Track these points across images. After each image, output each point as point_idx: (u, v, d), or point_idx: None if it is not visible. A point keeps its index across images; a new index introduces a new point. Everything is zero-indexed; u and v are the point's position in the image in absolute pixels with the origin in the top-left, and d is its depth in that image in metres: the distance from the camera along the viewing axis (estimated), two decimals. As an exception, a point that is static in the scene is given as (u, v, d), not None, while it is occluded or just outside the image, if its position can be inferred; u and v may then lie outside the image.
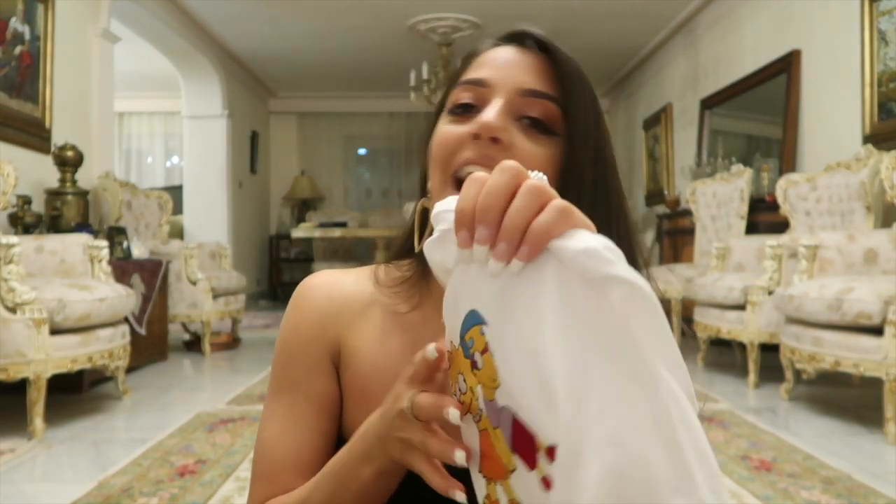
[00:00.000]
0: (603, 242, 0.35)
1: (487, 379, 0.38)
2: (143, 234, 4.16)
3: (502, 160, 0.45)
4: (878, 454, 2.06)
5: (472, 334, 0.39)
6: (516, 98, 0.57)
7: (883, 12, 3.18)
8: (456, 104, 0.59)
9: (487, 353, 0.38)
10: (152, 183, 7.68)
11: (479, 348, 0.38)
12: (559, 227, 0.36)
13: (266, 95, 7.74)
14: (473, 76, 0.59)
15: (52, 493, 1.76)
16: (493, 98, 0.57)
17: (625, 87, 7.06)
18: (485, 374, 0.38)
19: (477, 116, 0.56)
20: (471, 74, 0.60)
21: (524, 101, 0.57)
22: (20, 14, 3.31)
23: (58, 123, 3.59)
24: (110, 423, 2.46)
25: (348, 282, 0.66)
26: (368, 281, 0.66)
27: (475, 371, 0.39)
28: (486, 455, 0.39)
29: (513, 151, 0.55)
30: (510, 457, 0.37)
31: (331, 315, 0.64)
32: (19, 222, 3.07)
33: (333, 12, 5.19)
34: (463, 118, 0.58)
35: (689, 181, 4.88)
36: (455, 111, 0.59)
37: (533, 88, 0.57)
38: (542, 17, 5.29)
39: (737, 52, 4.64)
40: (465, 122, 0.57)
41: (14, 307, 2.23)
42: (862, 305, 2.23)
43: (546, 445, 0.35)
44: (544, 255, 0.36)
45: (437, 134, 0.59)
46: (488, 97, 0.57)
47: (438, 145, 0.58)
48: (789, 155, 3.94)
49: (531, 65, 0.59)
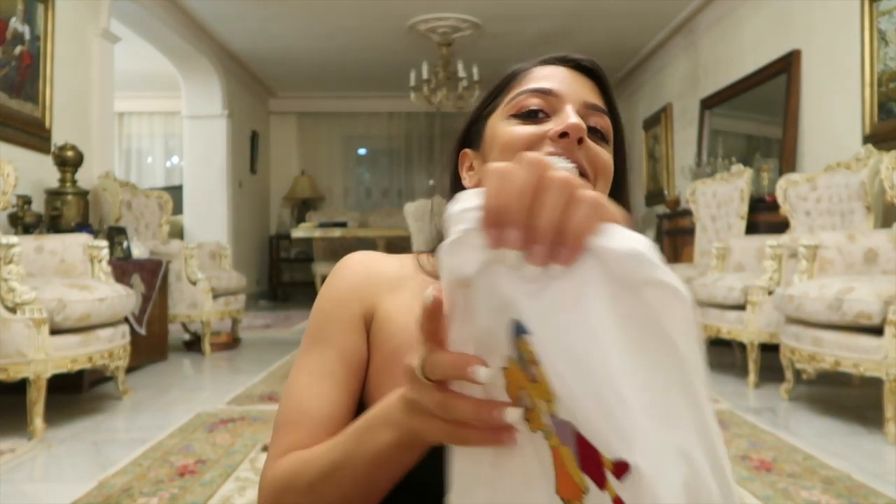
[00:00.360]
0: (646, 243, 0.33)
1: (545, 392, 0.35)
2: (143, 234, 4.16)
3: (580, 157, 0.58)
4: (878, 454, 2.06)
5: (521, 346, 0.35)
6: (582, 109, 0.64)
7: (883, 12, 3.18)
8: (524, 109, 0.64)
9: (538, 364, 0.34)
10: (152, 183, 7.69)
11: (531, 360, 0.35)
12: (596, 222, 0.34)
13: (266, 95, 7.75)
14: (541, 86, 0.64)
15: (52, 493, 1.76)
16: (562, 106, 0.63)
17: (625, 87, 7.07)
18: (542, 387, 0.35)
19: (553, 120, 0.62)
20: (534, 84, 0.65)
21: (587, 113, 0.64)
22: (20, 14, 3.31)
23: (58, 123, 3.59)
24: (110, 423, 2.46)
25: (390, 260, 0.71)
26: (410, 263, 0.70)
27: (533, 384, 0.35)
28: (561, 474, 0.36)
29: (589, 151, 0.62)
30: (580, 476, 0.35)
31: (370, 280, 0.67)
32: (19, 222, 3.07)
33: (333, 12, 5.19)
34: (532, 122, 0.63)
35: (689, 181, 4.88)
36: (522, 115, 0.64)
37: (595, 103, 0.66)
38: (542, 17, 5.29)
39: (737, 52, 4.64)
40: (536, 124, 0.63)
41: (14, 307, 2.23)
42: (862, 305, 2.23)
43: (612, 461, 0.33)
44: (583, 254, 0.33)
45: (504, 132, 0.63)
46: (557, 106, 0.63)
47: (513, 140, 0.62)
48: (789, 155, 3.95)
49: (585, 83, 0.67)
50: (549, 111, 0.64)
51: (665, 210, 5.41)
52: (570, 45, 5.88)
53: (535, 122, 0.63)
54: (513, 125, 0.64)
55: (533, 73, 0.68)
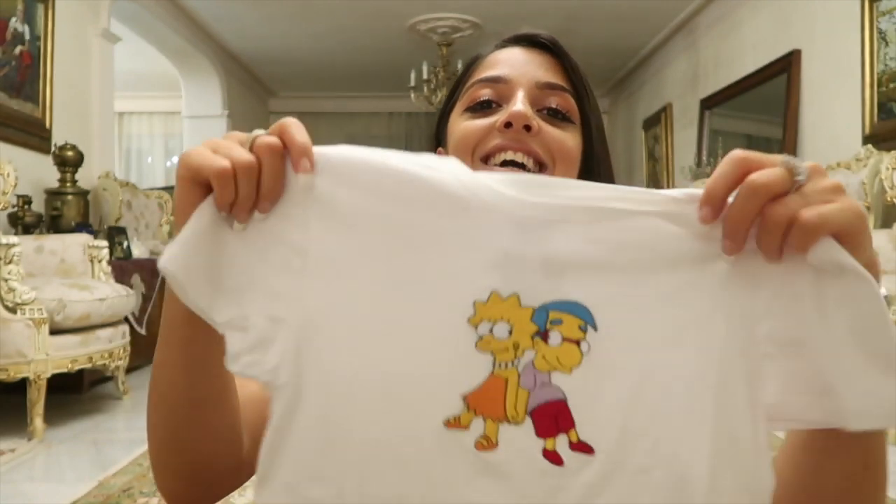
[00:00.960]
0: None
1: (554, 359, 0.38)
2: (143, 234, 4.16)
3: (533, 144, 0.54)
4: (878, 454, 2.06)
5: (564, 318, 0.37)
6: (535, 91, 0.60)
7: (883, 12, 3.18)
8: (475, 101, 0.61)
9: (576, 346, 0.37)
10: (152, 183, 7.68)
11: (568, 335, 0.37)
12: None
13: (266, 95, 7.75)
14: (490, 74, 0.62)
15: (52, 493, 1.76)
16: (512, 92, 0.60)
17: (625, 87, 7.06)
18: (555, 353, 0.37)
19: (502, 109, 0.59)
20: (485, 74, 0.62)
21: (542, 94, 0.60)
22: (20, 14, 3.31)
23: (58, 123, 3.59)
24: (110, 423, 2.46)
25: None
26: None
27: (538, 340, 0.38)
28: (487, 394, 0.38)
29: (542, 136, 0.58)
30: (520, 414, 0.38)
31: None
32: (19, 222, 3.07)
33: (333, 12, 5.19)
34: (483, 114, 0.60)
35: (689, 181, 4.88)
36: (474, 108, 0.61)
37: (549, 81, 0.61)
38: (542, 17, 5.29)
39: (737, 52, 4.64)
40: (486, 115, 0.60)
41: (14, 307, 2.23)
42: (862, 305, 2.23)
43: (580, 439, 0.37)
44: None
45: (457, 129, 0.61)
46: (507, 93, 0.60)
47: (464, 137, 0.60)
48: (789, 155, 3.95)
49: (542, 62, 0.62)
50: (500, 100, 0.61)
51: (665, 210, 5.41)
52: (570, 45, 5.87)
53: (487, 114, 0.60)
54: (465, 120, 0.61)
55: (489, 59, 0.65)
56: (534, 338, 0.38)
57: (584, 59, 0.65)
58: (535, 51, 0.63)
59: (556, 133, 0.59)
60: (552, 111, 0.60)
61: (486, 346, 0.38)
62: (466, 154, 0.59)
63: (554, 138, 0.58)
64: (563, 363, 0.37)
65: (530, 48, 0.64)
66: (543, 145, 0.58)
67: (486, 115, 0.60)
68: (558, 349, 0.37)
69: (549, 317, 0.37)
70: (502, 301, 0.37)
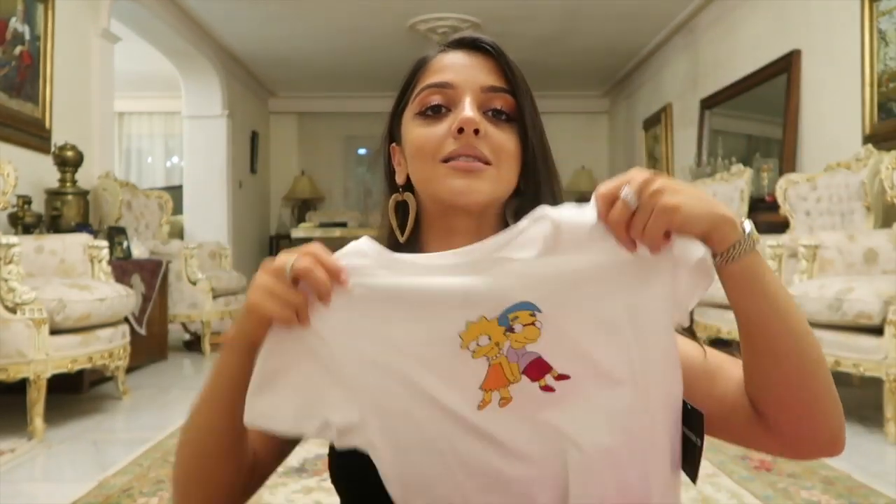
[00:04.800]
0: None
1: (523, 338, 0.55)
2: (143, 234, 4.16)
3: (482, 147, 0.64)
4: (878, 454, 2.06)
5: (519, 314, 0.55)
6: (480, 94, 0.67)
7: (883, 12, 3.18)
8: (426, 107, 0.68)
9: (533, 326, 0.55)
10: (152, 183, 7.68)
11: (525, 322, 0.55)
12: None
13: (266, 95, 7.75)
14: (437, 80, 0.68)
15: (52, 493, 1.76)
16: (461, 97, 0.66)
17: (625, 87, 7.06)
18: (522, 335, 0.55)
19: (453, 116, 0.66)
20: (432, 79, 0.68)
21: (487, 97, 0.67)
22: (20, 14, 3.31)
23: (58, 123, 3.59)
24: (110, 423, 2.46)
25: None
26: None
27: (508, 333, 0.55)
28: (493, 378, 0.56)
29: (488, 139, 0.65)
30: (517, 375, 0.56)
31: None
32: (19, 222, 3.07)
33: (333, 12, 5.19)
34: (436, 119, 0.67)
35: (689, 181, 4.88)
36: (426, 113, 0.68)
37: (493, 85, 0.67)
38: (542, 17, 5.29)
39: (737, 52, 4.64)
40: (439, 121, 0.67)
41: (14, 307, 2.23)
42: (862, 305, 2.23)
43: (558, 373, 0.56)
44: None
45: (414, 136, 0.68)
46: (455, 98, 0.67)
47: (422, 145, 0.67)
48: (789, 155, 3.95)
49: (485, 66, 0.68)
50: (449, 105, 0.67)
51: (665, 210, 5.41)
52: (570, 45, 5.88)
53: (438, 118, 0.67)
54: (420, 126, 0.68)
55: (434, 63, 0.71)
56: (505, 334, 0.55)
57: (584, 59, 0.67)
58: (477, 55, 0.69)
59: (499, 136, 0.66)
60: (496, 112, 0.67)
61: (479, 353, 0.56)
62: (427, 160, 0.66)
63: (497, 141, 0.66)
64: (530, 338, 0.55)
65: (473, 52, 0.69)
66: (489, 146, 0.65)
67: (438, 119, 0.67)
68: (523, 332, 0.55)
69: (509, 317, 0.55)
70: (476, 324, 0.55)
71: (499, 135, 0.66)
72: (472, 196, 0.65)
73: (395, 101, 0.74)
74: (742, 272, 0.54)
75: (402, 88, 0.73)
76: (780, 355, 0.56)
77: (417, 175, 0.68)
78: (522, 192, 0.69)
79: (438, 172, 0.65)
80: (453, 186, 0.65)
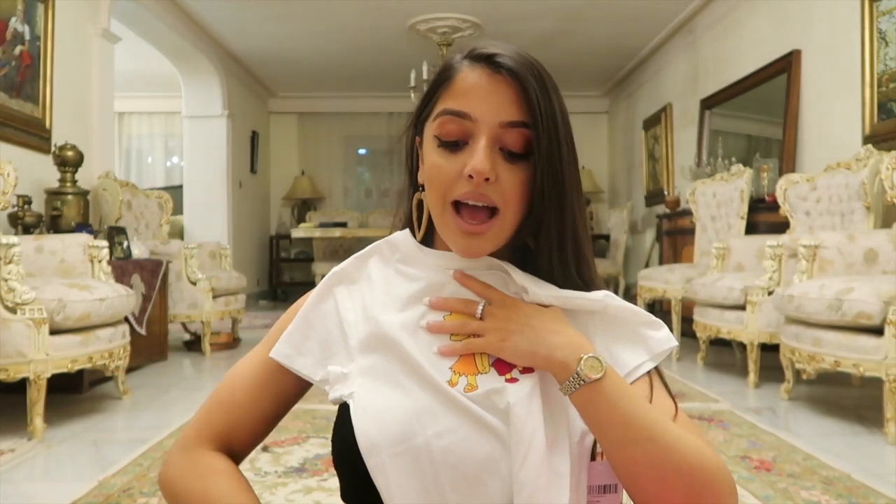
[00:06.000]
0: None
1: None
2: (143, 234, 4.16)
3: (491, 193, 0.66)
4: (878, 454, 2.06)
5: None
6: (497, 130, 0.66)
7: (883, 12, 3.18)
8: (443, 136, 0.68)
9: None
10: (152, 183, 7.68)
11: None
12: None
13: (266, 95, 7.75)
14: (457, 108, 0.68)
15: (52, 493, 1.76)
16: (477, 133, 0.67)
17: (625, 87, 7.06)
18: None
19: (468, 150, 0.67)
20: (451, 104, 0.68)
21: (504, 132, 0.67)
22: (20, 14, 3.31)
23: (58, 123, 3.59)
24: (110, 423, 2.46)
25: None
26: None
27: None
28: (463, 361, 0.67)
29: (500, 184, 0.66)
30: (486, 366, 0.67)
31: None
32: (19, 222, 3.07)
33: (333, 12, 5.20)
34: (453, 150, 0.68)
35: (689, 181, 4.88)
36: (445, 144, 0.68)
37: (511, 120, 0.66)
38: (542, 17, 5.29)
39: (737, 52, 4.64)
40: (456, 154, 0.68)
41: (14, 307, 2.23)
42: (862, 305, 2.23)
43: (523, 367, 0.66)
44: None
45: (430, 163, 0.69)
46: (473, 130, 0.67)
47: (437, 180, 0.68)
48: (789, 155, 3.95)
49: (506, 94, 0.67)
50: (466, 137, 0.68)
51: (665, 210, 5.41)
52: (570, 45, 5.88)
53: (454, 152, 0.68)
54: (437, 154, 0.69)
55: (458, 81, 0.69)
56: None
57: (584, 59, 0.67)
58: (499, 77, 0.67)
59: (509, 181, 0.67)
60: (510, 152, 0.67)
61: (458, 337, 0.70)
62: (439, 196, 0.68)
63: (507, 186, 0.67)
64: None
65: (496, 72, 0.67)
66: (499, 192, 0.67)
67: (455, 152, 0.68)
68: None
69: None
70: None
71: (509, 179, 0.67)
72: (475, 253, 0.69)
73: (420, 104, 0.74)
74: (579, 404, 0.62)
75: (427, 93, 0.73)
76: (617, 471, 0.62)
77: (429, 200, 0.71)
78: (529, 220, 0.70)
79: (446, 218, 0.68)
80: (457, 243, 0.68)
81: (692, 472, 0.59)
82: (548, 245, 0.69)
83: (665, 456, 0.59)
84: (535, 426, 0.62)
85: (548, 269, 0.70)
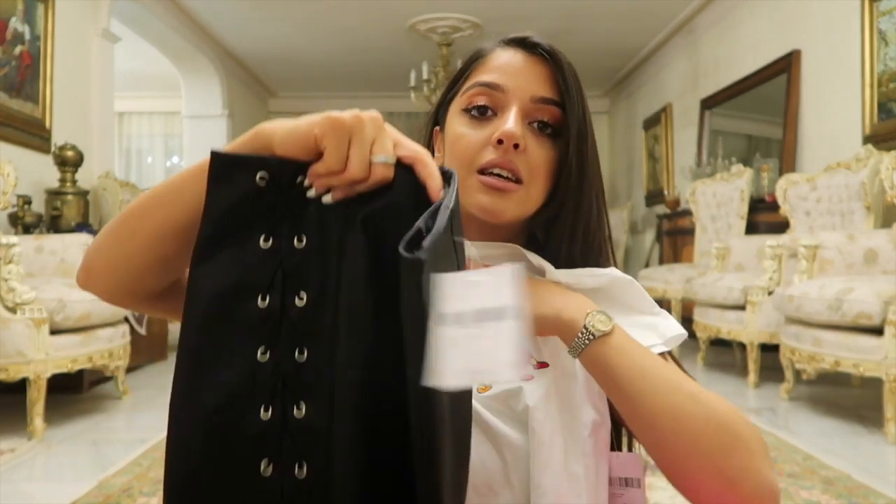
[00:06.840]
0: None
1: None
2: (143, 234, 4.16)
3: (519, 162, 0.64)
4: (878, 454, 2.06)
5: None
6: (529, 104, 0.65)
7: (883, 12, 3.18)
8: (473, 105, 0.67)
9: None
10: (152, 183, 7.68)
11: None
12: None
13: (266, 95, 7.75)
14: (489, 80, 0.66)
15: (52, 493, 1.76)
16: (508, 103, 0.65)
17: (625, 87, 7.06)
18: None
19: (497, 122, 0.65)
20: (484, 77, 0.67)
21: (535, 107, 0.66)
22: (20, 14, 3.31)
23: (58, 123, 3.59)
24: (110, 423, 2.46)
25: None
26: None
27: None
28: None
29: (527, 156, 0.65)
30: None
31: None
32: (19, 222, 3.07)
33: (333, 12, 5.19)
34: (480, 120, 0.66)
35: (689, 181, 4.88)
36: (472, 112, 0.67)
37: (543, 96, 0.66)
38: (543, 17, 5.29)
39: (737, 52, 4.64)
40: (483, 124, 0.66)
41: (14, 307, 2.23)
42: (862, 306, 2.23)
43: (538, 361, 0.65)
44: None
45: (456, 134, 0.67)
46: (503, 102, 0.66)
47: (463, 147, 0.66)
48: (789, 155, 3.95)
49: (540, 73, 0.67)
50: (496, 108, 0.66)
51: (665, 210, 5.41)
52: (570, 45, 5.88)
53: (483, 122, 0.66)
54: (463, 125, 0.67)
55: (489, 59, 0.69)
56: None
57: (584, 59, 0.67)
58: (534, 57, 0.67)
59: (537, 154, 0.65)
60: (542, 124, 0.66)
61: None
62: (464, 165, 0.65)
63: (535, 159, 0.65)
64: None
65: (530, 54, 0.67)
66: (526, 163, 0.65)
67: (482, 122, 0.66)
68: None
69: None
70: None
71: (538, 152, 0.65)
72: (497, 215, 0.65)
73: (446, 89, 0.73)
74: (590, 362, 0.58)
75: (455, 77, 0.72)
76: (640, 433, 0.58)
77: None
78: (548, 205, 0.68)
79: (470, 183, 0.65)
80: (480, 202, 0.65)
81: (721, 422, 0.54)
82: (559, 237, 0.68)
83: (690, 405, 0.54)
84: (554, 429, 0.61)
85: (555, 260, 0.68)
